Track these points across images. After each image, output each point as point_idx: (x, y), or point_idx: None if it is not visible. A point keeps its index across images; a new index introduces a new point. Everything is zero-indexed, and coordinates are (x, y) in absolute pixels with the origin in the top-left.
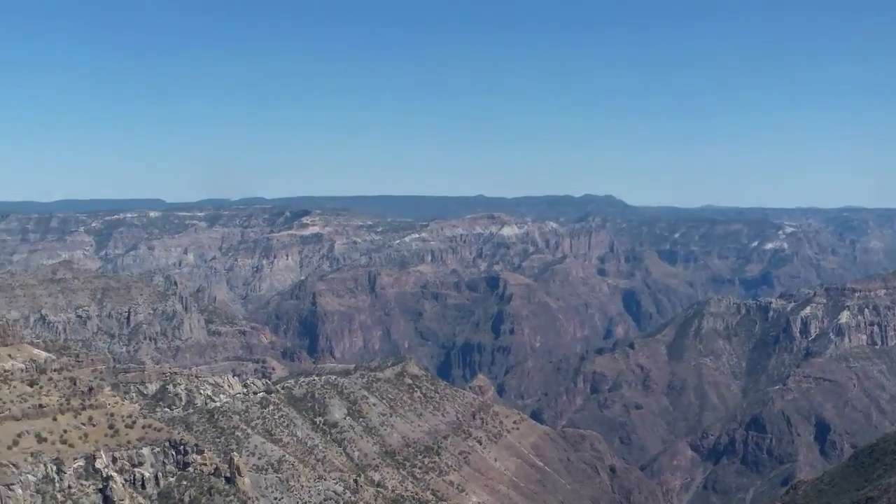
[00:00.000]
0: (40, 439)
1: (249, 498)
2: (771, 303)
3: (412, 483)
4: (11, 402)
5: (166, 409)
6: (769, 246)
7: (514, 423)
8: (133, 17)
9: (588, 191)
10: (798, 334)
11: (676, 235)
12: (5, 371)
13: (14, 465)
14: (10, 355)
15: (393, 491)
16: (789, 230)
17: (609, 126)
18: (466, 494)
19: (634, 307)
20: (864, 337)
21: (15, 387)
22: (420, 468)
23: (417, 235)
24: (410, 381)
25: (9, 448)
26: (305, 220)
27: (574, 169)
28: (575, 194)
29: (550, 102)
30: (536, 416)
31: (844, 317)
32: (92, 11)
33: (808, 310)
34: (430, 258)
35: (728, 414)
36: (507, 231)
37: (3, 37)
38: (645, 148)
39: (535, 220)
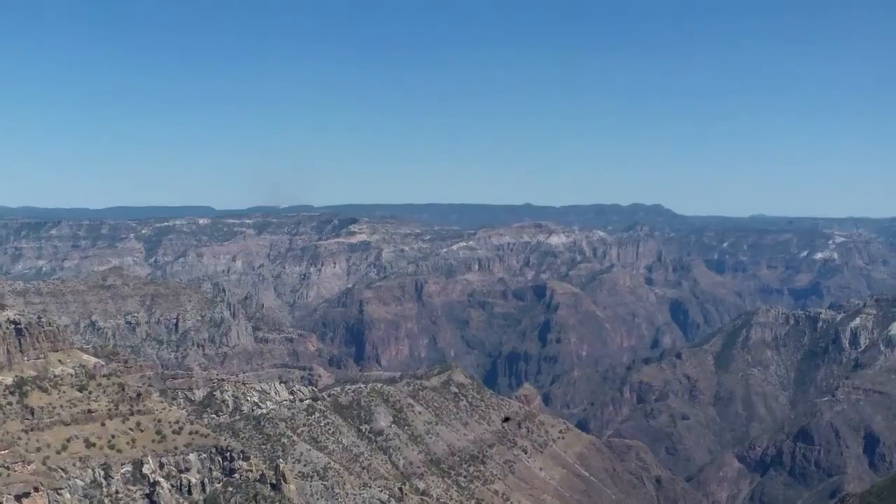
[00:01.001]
0: (89, 444)
1: None
2: (820, 313)
3: (457, 492)
4: (61, 406)
5: (213, 415)
6: (819, 256)
7: (560, 432)
8: (185, 25)
9: (636, 200)
10: (847, 345)
11: (725, 245)
12: (55, 376)
13: (63, 469)
14: (60, 360)
15: (437, 500)
16: (839, 240)
17: (658, 134)
18: (511, 503)
19: (682, 317)
20: None
21: (65, 392)
22: (465, 477)
23: (465, 244)
24: (456, 390)
25: (58, 452)
26: (353, 227)
27: (622, 178)
28: (623, 203)
29: (599, 110)
30: (582, 425)
31: (895, 328)
32: (144, 19)
33: (857, 320)
34: (476, 266)
35: (776, 425)
36: (555, 240)
37: (61, 44)
38: (694, 156)
39: (583, 228)
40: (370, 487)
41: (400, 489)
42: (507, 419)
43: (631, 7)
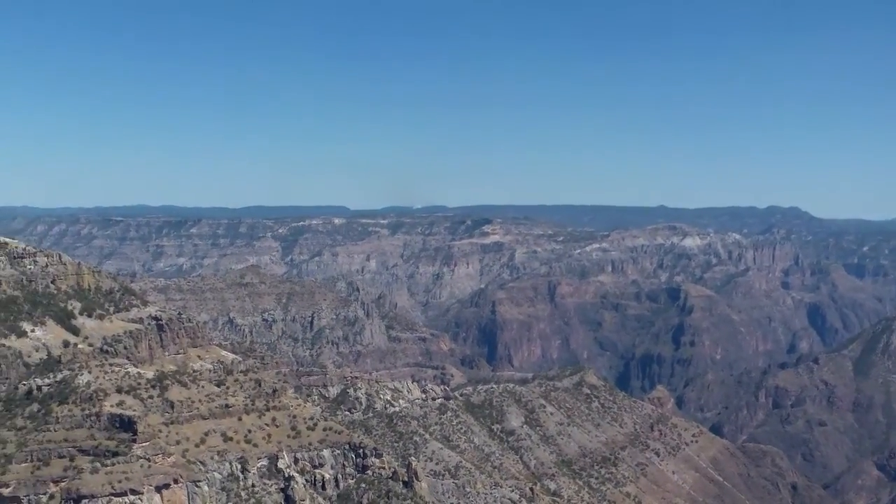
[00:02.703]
0: (226, 438)
1: (426, 502)
2: None
3: (588, 493)
4: (200, 401)
5: (347, 412)
6: None
7: (693, 436)
8: (335, 23)
9: (773, 202)
10: None
11: (865, 249)
12: (195, 371)
13: (201, 462)
14: (199, 356)
15: (569, 501)
16: None
17: (796, 136)
18: None
19: (819, 321)
20: None
21: (203, 387)
22: (596, 479)
23: (598, 245)
24: (588, 391)
25: (196, 446)
26: (486, 228)
27: (758, 180)
28: (759, 205)
29: (735, 113)
30: (716, 429)
31: None
32: (280, 21)
33: None
34: (610, 268)
35: None
36: (689, 242)
37: (201, 44)
38: (833, 159)
39: (718, 231)
40: (501, 487)
41: (531, 489)
42: None
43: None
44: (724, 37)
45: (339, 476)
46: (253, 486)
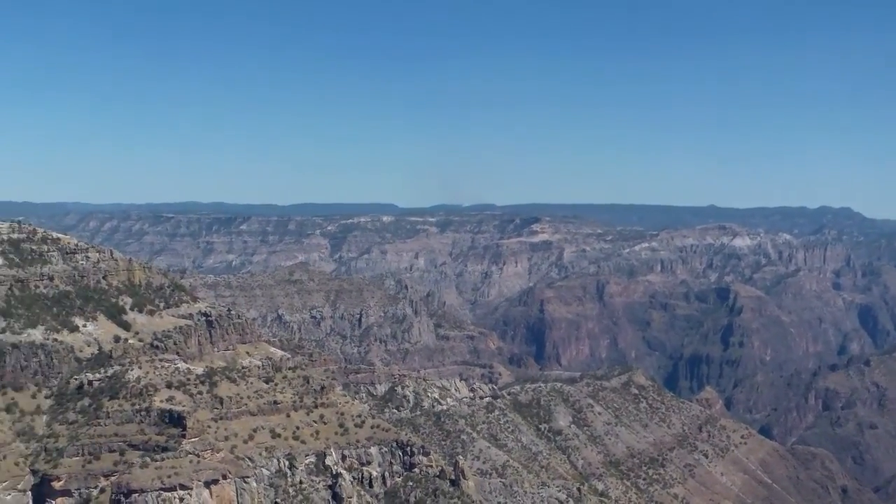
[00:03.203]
0: (274, 435)
1: (473, 501)
2: None
3: (636, 494)
4: (248, 397)
5: (394, 410)
6: None
7: (742, 437)
8: (385, 23)
9: (824, 202)
10: None
11: None
12: (243, 367)
13: (250, 458)
14: (248, 353)
15: (616, 501)
16: None
17: (849, 137)
18: None
19: (871, 323)
20: None
21: (252, 383)
22: (644, 479)
23: (647, 245)
24: (636, 391)
25: (245, 442)
26: (535, 227)
27: (809, 180)
28: (810, 206)
29: (787, 112)
30: (765, 431)
31: None
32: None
33: None
34: (659, 268)
35: None
36: (739, 242)
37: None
38: (886, 159)
39: (768, 231)
40: (548, 486)
41: (578, 489)
42: None
43: None
44: (778, 34)
45: (387, 474)
46: (300, 482)
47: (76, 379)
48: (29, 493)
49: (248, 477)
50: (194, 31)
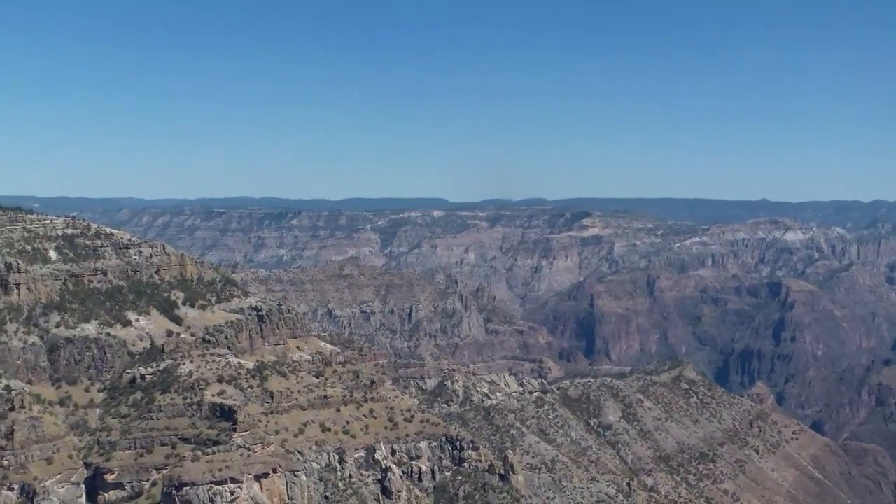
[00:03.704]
0: (324, 429)
1: (522, 496)
2: None
3: (685, 489)
4: (299, 392)
5: (444, 404)
6: None
7: (794, 433)
8: (435, 17)
9: (878, 196)
10: None
11: None
12: (294, 362)
13: (300, 452)
14: (298, 347)
15: (666, 496)
16: None
17: None
18: None
19: None
20: None
21: (302, 377)
22: (694, 475)
23: (698, 239)
24: (687, 387)
25: (295, 436)
26: (585, 221)
27: (863, 173)
28: (864, 199)
29: (840, 105)
30: (817, 427)
31: None
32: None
33: None
34: (710, 262)
35: None
36: (791, 236)
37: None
38: None
39: (821, 225)
40: (598, 481)
41: (628, 484)
42: None
43: None
44: (828, 28)
45: (436, 468)
46: (350, 476)
47: (129, 373)
48: (82, 485)
49: (297, 471)
50: (248, 29)
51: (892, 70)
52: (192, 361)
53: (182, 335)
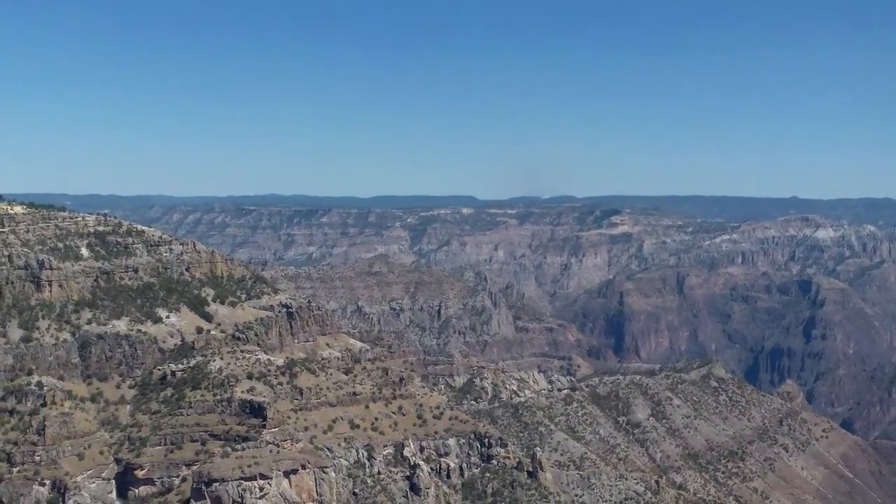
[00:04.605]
0: (353, 425)
1: (551, 493)
2: None
3: (714, 487)
4: (328, 388)
5: (472, 401)
6: None
7: (824, 431)
8: (469, 15)
9: None
10: None
11: None
12: (323, 359)
13: (328, 448)
14: (328, 344)
15: (695, 494)
16: None
17: None
18: (770, 502)
19: None
20: None
21: (331, 374)
22: (723, 473)
23: (728, 237)
24: (716, 384)
25: (324, 433)
26: (615, 219)
27: (894, 170)
28: (895, 197)
29: (870, 102)
30: (847, 425)
31: None
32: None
33: None
34: (740, 260)
35: None
36: (822, 234)
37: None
38: None
39: (852, 222)
40: (626, 479)
41: (656, 482)
42: None
43: None
44: (861, 25)
45: (464, 465)
46: (379, 473)
47: (159, 369)
48: (113, 481)
49: (326, 467)
50: (281, 28)
51: None
52: (221, 358)
53: (212, 332)
